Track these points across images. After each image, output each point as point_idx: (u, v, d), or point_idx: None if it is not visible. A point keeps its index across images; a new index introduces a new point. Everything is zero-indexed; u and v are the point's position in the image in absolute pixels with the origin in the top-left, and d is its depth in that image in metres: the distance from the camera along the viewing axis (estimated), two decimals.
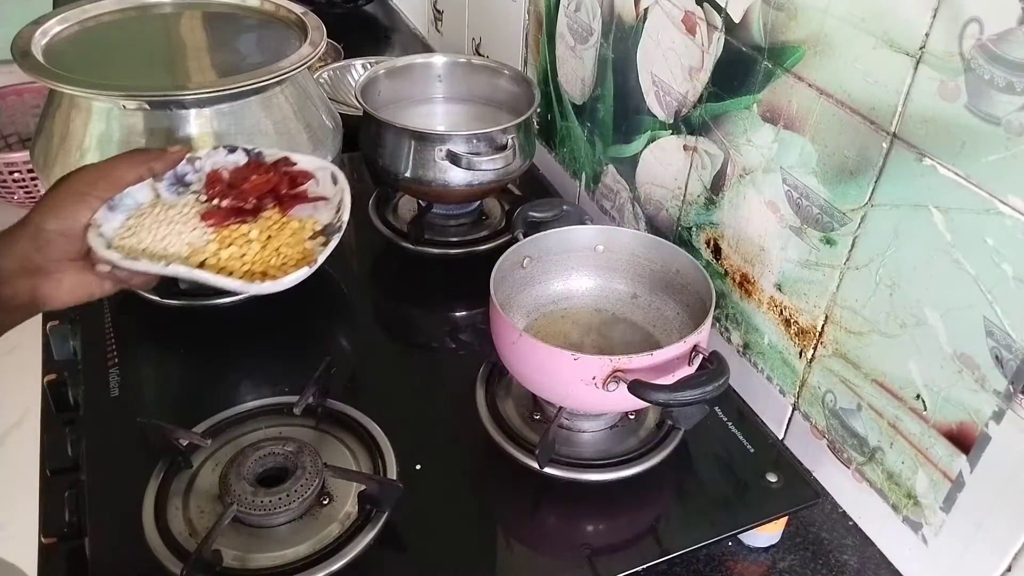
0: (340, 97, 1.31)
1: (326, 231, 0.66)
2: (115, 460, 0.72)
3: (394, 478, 0.69)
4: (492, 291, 0.72)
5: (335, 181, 0.70)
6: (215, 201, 0.66)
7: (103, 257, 0.58)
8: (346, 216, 0.66)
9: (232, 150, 0.69)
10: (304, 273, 0.61)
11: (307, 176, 0.70)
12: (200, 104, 0.77)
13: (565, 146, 1.14)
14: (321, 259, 0.63)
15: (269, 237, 0.65)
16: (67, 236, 0.56)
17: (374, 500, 0.66)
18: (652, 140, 0.91)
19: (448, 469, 0.72)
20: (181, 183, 0.67)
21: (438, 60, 1.10)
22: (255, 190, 0.67)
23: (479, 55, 1.38)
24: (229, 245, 0.63)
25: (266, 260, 0.63)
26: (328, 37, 0.89)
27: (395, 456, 0.71)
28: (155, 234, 0.62)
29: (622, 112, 0.96)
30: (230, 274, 0.61)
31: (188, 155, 0.67)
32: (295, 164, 0.70)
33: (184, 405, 0.79)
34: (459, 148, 0.93)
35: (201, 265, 0.62)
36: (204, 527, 0.64)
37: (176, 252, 0.62)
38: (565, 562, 0.66)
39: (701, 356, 0.67)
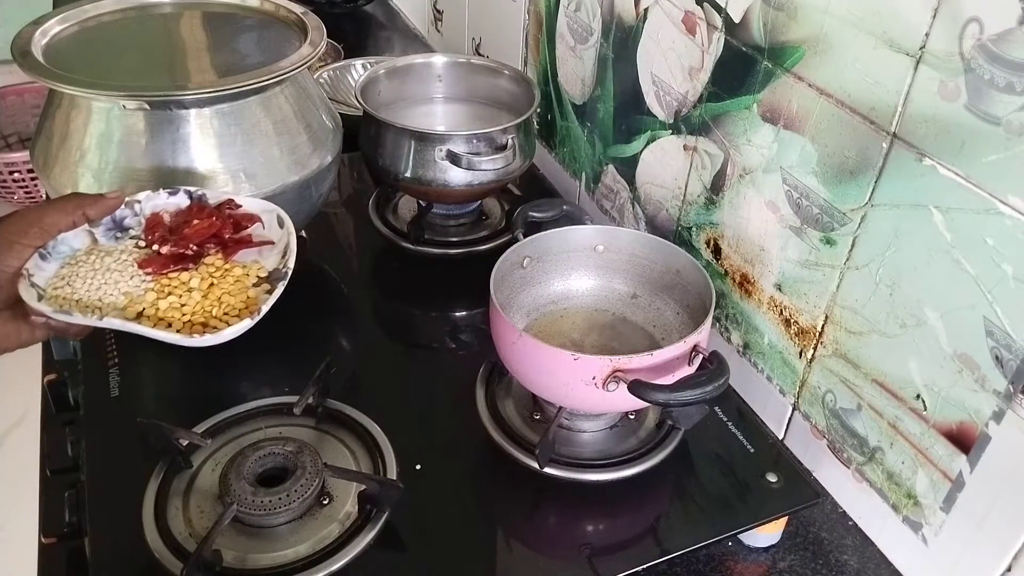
0: (340, 97, 1.31)
1: (271, 278, 0.64)
2: (115, 460, 0.72)
3: (394, 478, 0.69)
4: (492, 291, 0.72)
5: (281, 224, 0.68)
6: (154, 247, 0.63)
7: (34, 310, 0.56)
8: (291, 262, 0.64)
9: (174, 192, 0.67)
10: (245, 325, 0.60)
11: (252, 219, 0.68)
12: (200, 104, 0.77)
13: (565, 146, 1.14)
14: (265, 308, 0.61)
15: (211, 285, 0.63)
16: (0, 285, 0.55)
17: (374, 500, 0.66)
18: (652, 140, 0.91)
19: (448, 469, 0.72)
20: (120, 228, 0.65)
21: (438, 60, 1.10)
22: (197, 235, 0.64)
23: (479, 55, 1.38)
24: (168, 295, 0.61)
25: (207, 309, 0.62)
26: (328, 37, 0.89)
27: (395, 456, 0.71)
28: (90, 283, 0.60)
29: (622, 112, 0.96)
30: (168, 326, 0.60)
31: (127, 199, 0.65)
32: (239, 207, 0.68)
33: (184, 405, 0.79)
34: (459, 148, 0.93)
35: (138, 316, 0.60)
36: (204, 527, 0.64)
37: (112, 303, 0.60)
38: (565, 562, 0.66)
39: (701, 356, 0.67)
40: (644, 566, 0.65)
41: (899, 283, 0.63)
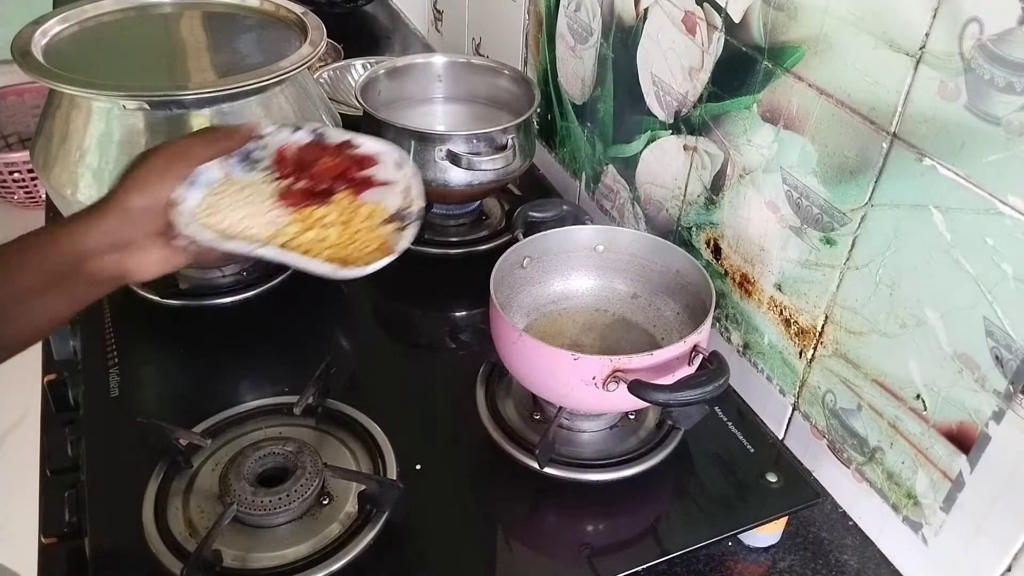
0: (340, 97, 1.31)
1: (397, 217, 0.66)
2: (115, 460, 0.72)
3: (394, 478, 0.69)
4: (492, 291, 0.72)
5: (399, 166, 0.69)
6: (289, 182, 0.65)
7: (195, 236, 0.58)
8: (421, 203, 0.66)
9: (297, 128, 0.68)
10: (385, 261, 0.62)
11: (371, 160, 0.69)
12: (200, 104, 0.77)
13: (565, 146, 1.14)
14: (400, 248, 0.63)
15: (345, 221, 0.65)
16: (152, 212, 0.57)
17: (374, 500, 0.66)
18: (652, 140, 0.91)
19: (448, 469, 0.72)
20: (249, 160, 0.66)
21: (438, 60, 1.10)
22: (329, 173, 0.66)
23: (479, 55, 1.38)
24: (308, 229, 0.63)
25: (345, 244, 0.63)
26: (328, 37, 0.89)
27: (395, 456, 0.71)
28: (234, 214, 0.62)
29: (622, 112, 0.96)
30: (314, 257, 0.62)
31: (255, 132, 0.66)
32: (358, 147, 0.69)
33: (184, 405, 0.79)
34: (459, 148, 0.93)
35: (281, 248, 0.62)
36: (204, 527, 0.64)
37: (257, 233, 0.62)
38: (565, 562, 0.66)
39: (701, 356, 0.67)
40: (644, 566, 0.65)
41: (899, 283, 0.63)
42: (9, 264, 0.54)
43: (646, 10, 0.87)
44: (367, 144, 0.69)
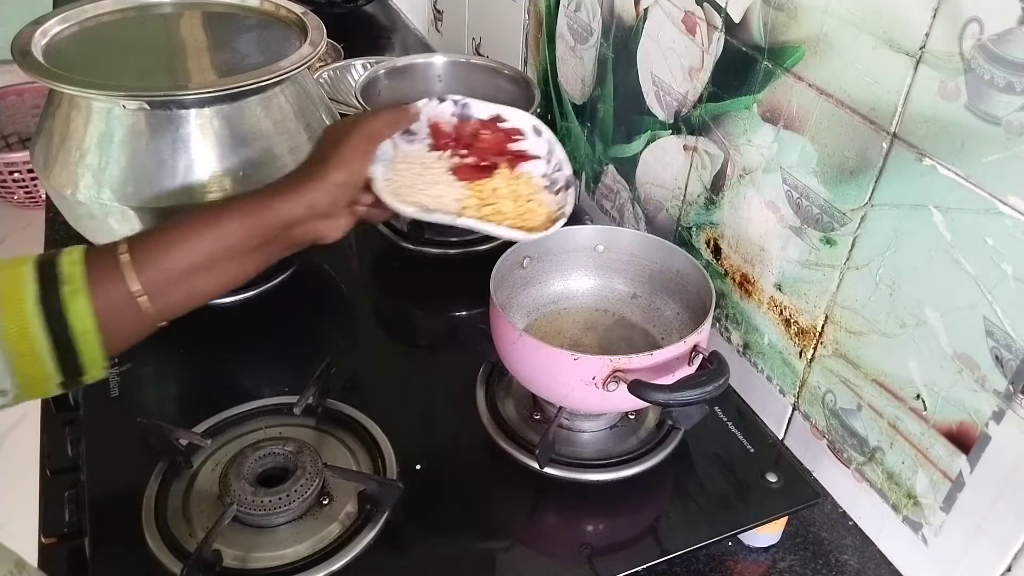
0: (340, 97, 1.31)
1: (550, 183, 0.71)
2: (115, 460, 0.72)
3: (394, 478, 0.69)
4: (492, 291, 0.72)
5: (538, 133, 0.73)
6: (458, 159, 0.70)
7: (401, 210, 0.64)
8: (568, 168, 0.71)
9: (443, 100, 0.72)
10: (559, 225, 0.67)
11: (520, 133, 0.73)
12: (200, 104, 0.77)
13: (565, 146, 1.13)
14: (568, 211, 0.68)
15: (513, 191, 0.69)
16: (350, 187, 0.63)
17: (374, 500, 0.66)
18: (652, 140, 0.91)
19: (448, 469, 0.72)
20: (409, 132, 0.71)
21: (438, 60, 1.10)
22: (492, 148, 0.71)
23: (479, 55, 1.38)
24: (485, 203, 0.67)
25: (520, 215, 0.68)
26: (328, 37, 0.89)
27: (395, 456, 0.71)
28: (421, 188, 0.67)
29: (622, 112, 0.96)
30: (499, 225, 0.66)
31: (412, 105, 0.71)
32: (507, 120, 0.73)
33: (184, 405, 0.79)
34: None
35: (476, 219, 0.66)
36: (204, 527, 0.64)
37: (450, 206, 0.66)
38: (565, 562, 0.66)
39: (701, 356, 0.67)
40: (644, 566, 0.65)
41: (899, 283, 0.63)
42: (230, 224, 0.60)
43: (646, 10, 0.87)
44: (511, 117, 0.73)
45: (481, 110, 0.72)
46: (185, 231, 0.59)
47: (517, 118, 0.73)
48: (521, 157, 0.71)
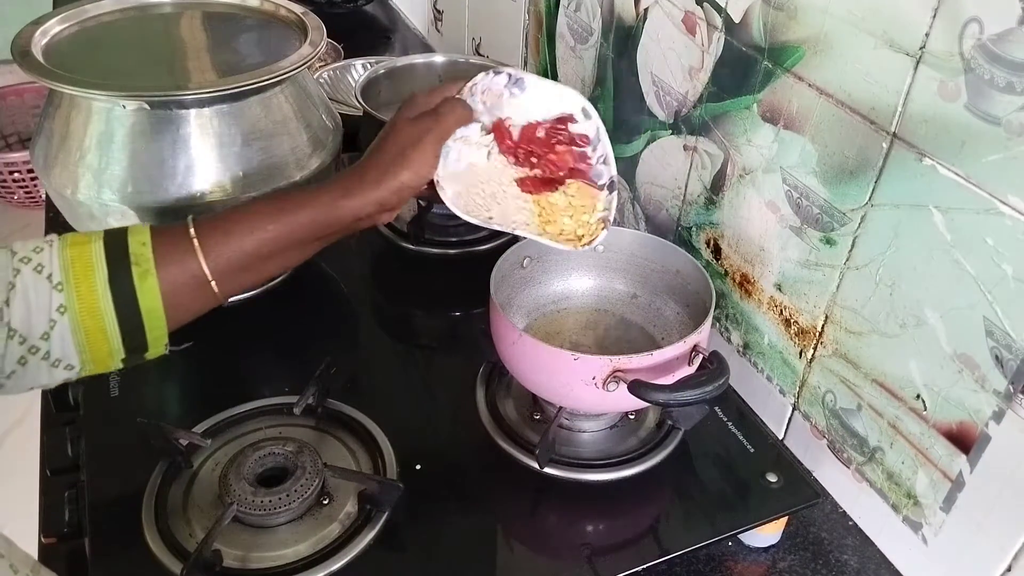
0: (340, 97, 1.31)
1: (597, 177, 0.69)
2: (115, 460, 0.72)
3: (394, 478, 0.69)
4: (492, 291, 0.72)
5: (587, 116, 0.70)
6: (529, 167, 0.69)
7: (462, 215, 0.65)
8: (613, 167, 0.69)
9: (498, 72, 0.69)
10: (605, 234, 0.67)
11: (586, 139, 0.71)
12: (200, 104, 0.77)
13: None
14: (613, 215, 0.68)
15: (574, 206, 0.69)
16: (416, 187, 0.64)
17: (374, 500, 0.66)
18: (652, 140, 0.91)
19: (448, 469, 0.72)
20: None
21: (438, 60, 1.11)
22: (562, 164, 0.69)
23: (479, 55, 1.38)
24: (547, 221, 0.68)
25: (573, 229, 0.68)
26: (328, 37, 0.89)
27: (395, 456, 0.71)
28: (486, 195, 0.67)
29: (622, 112, 0.96)
30: (552, 239, 0.67)
31: (467, 86, 0.69)
32: (576, 123, 0.70)
33: (184, 405, 0.79)
34: None
35: (530, 230, 0.67)
36: (204, 527, 0.64)
37: (508, 214, 0.67)
38: (565, 562, 0.66)
39: (701, 356, 0.67)
40: (644, 566, 0.65)
41: (899, 283, 0.63)
42: (298, 217, 0.61)
43: (646, 10, 0.87)
44: (564, 96, 0.69)
45: (535, 88, 0.69)
46: (253, 220, 0.61)
47: (569, 98, 0.70)
48: (588, 166, 0.70)
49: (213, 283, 0.60)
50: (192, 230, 0.59)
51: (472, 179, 0.67)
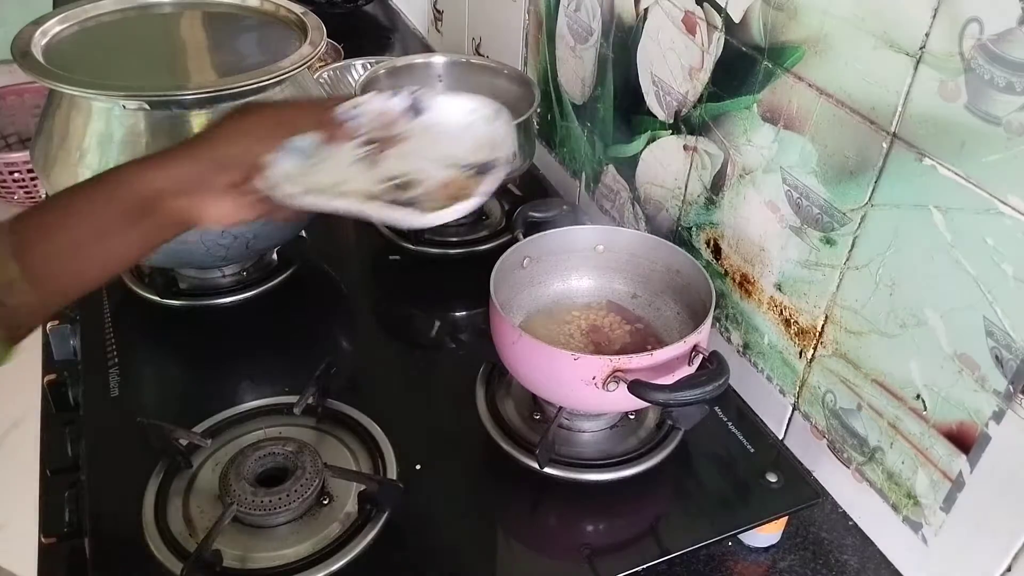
0: None
1: (478, 168, 0.64)
2: (115, 460, 0.72)
3: (394, 478, 0.69)
4: (492, 291, 0.72)
5: (491, 121, 0.68)
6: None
7: (288, 200, 0.59)
8: (504, 152, 0.65)
9: (396, 93, 0.66)
10: (461, 207, 0.59)
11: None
12: (200, 104, 0.77)
13: (565, 146, 1.13)
14: (480, 192, 0.61)
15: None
16: (235, 165, 0.58)
17: (374, 500, 0.66)
18: (652, 140, 0.91)
19: (448, 469, 0.72)
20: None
21: (438, 60, 1.10)
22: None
23: (479, 55, 1.38)
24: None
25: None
26: (328, 37, 0.89)
27: (395, 456, 0.71)
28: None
29: (622, 112, 0.96)
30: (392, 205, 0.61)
31: (353, 102, 0.65)
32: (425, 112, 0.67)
33: (184, 405, 0.79)
34: None
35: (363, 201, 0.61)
36: (204, 527, 0.64)
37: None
38: (565, 562, 0.66)
39: (701, 356, 0.67)
40: (644, 566, 0.65)
41: (899, 283, 0.63)
42: (93, 200, 0.56)
43: (646, 10, 0.87)
44: (465, 103, 0.68)
45: (436, 102, 0.66)
46: (63, 211, 0.55)
47: (453, 111, 0.67)
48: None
49: (28, 285, 0.53)
50: (7, 226, 0.53)
51: (331, 172, 0.62)
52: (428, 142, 0.67)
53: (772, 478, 0.71)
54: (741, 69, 0.74)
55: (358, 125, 0.65)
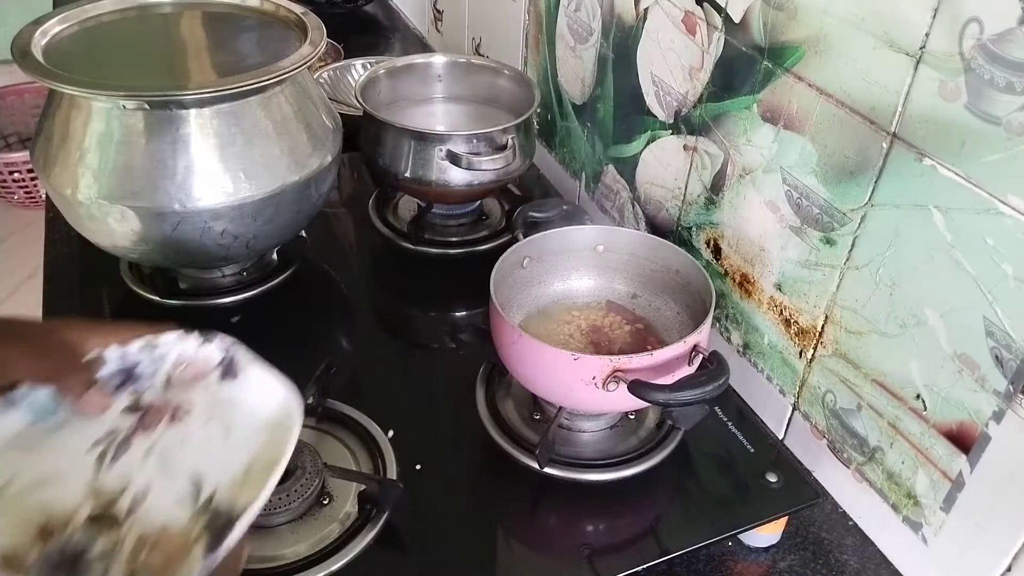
0: (340, 97, 1.31)
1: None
2: None
3: (394, 478, 0.69)
4: (492, 291, 0.72)
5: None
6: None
7: None
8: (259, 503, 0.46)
9: (208, 340, 0.50)
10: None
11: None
12: (200, 104, 0.77)
13: (565, 146, 1.14)
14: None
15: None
16: None
17: (374, 500, 0.66)
18: (652, 140, 0.91)
19: (448, 469, 0.72)
20: (130, 378, 0.49)
21: (438, 60, 1.10)
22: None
23: (479, 55, 1.38)
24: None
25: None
26: (328, 37, 0.89)
27: (395, 456, 0.71)
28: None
29: (622, 112, 0.96)
30: None
31: (147, 339, 0.50)
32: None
33: None
34: (459, 148, 0.93)
35: None
36: None
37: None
38: (565, 562, 0.66)
39: (701, 356, 0.67)
40: (644, 566, 0.65)
41: (899, 283, 0.63)
42: None
43: (646, 10, 0.87)
44: (245, 387, 0.51)
45: (249, 373, 0.51)
46: None
47: (287, 402, 0.51)
48: None
49: None
50: None
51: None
52: (199, 435, 0.49)
53: (772, 478, 0.71)
54: (741, 69, 0.74)
55: (145, 372, 0.48)
